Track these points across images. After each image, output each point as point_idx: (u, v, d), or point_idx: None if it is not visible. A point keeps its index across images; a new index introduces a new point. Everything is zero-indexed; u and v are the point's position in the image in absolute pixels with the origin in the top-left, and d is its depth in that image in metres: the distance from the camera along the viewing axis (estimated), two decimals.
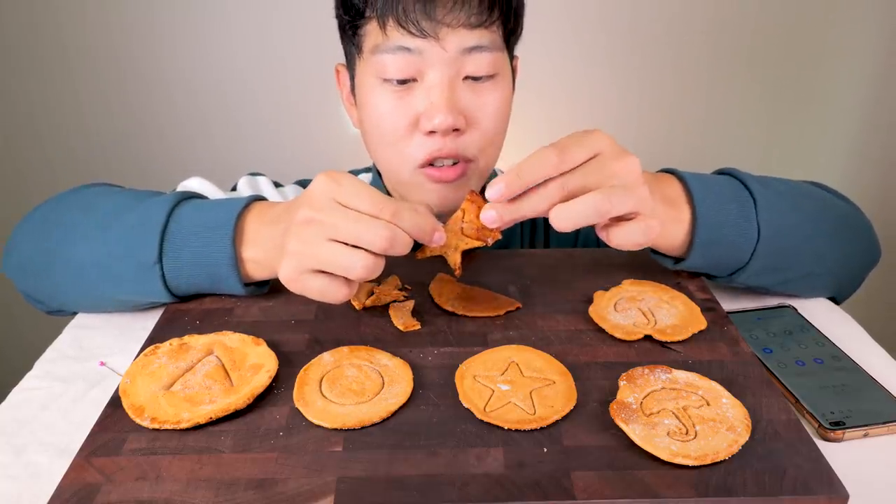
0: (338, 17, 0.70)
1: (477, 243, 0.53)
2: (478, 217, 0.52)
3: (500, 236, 0.53)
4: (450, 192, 0.68)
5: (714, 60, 1.55)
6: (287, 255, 0.51)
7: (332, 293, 0.51)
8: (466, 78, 0.65)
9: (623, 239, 0.52)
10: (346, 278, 0.50)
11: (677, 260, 0.61)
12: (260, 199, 0.60)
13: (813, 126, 1.63)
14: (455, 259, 0.55)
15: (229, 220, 0.56)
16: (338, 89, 0.77)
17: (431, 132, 0.64)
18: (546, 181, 0.49)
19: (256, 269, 0.57)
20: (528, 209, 0.50)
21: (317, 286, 0.51)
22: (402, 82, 0.64)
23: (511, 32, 0.68)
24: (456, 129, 0.64)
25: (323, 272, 0.50)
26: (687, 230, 0.58)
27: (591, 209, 0.49)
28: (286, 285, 0.52)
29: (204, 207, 0.58)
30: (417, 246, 0.53)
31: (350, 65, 0.72)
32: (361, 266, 0.49)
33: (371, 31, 0.65)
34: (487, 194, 0.50)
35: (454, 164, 0.67)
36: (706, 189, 0.59)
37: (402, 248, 0.49)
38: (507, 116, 0.69)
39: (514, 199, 0.50)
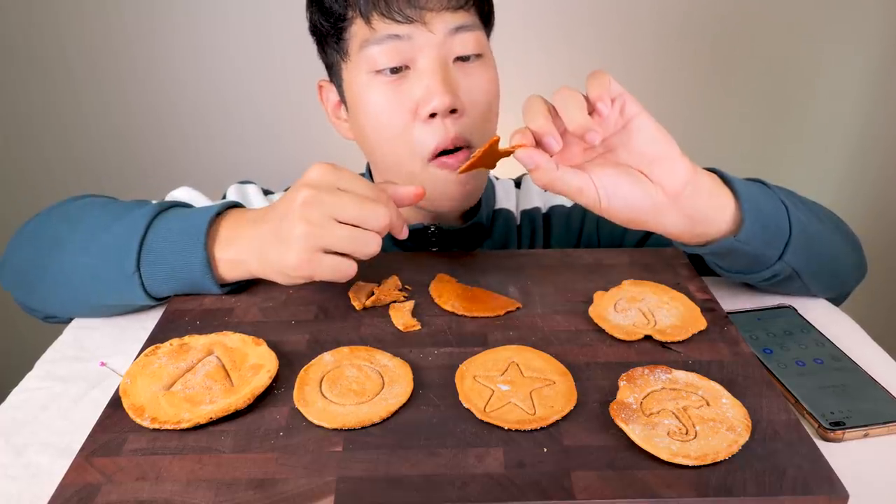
0: (315, 30, 0.70)
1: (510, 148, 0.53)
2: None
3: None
4: (463, 179, 0.68)
5: (709, 60, 1.54)
6: (294, 240, 0.52)
7: (344, 270, 0.54)
8: (456, 61, 0.65)
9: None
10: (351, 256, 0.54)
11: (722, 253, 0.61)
12: (237, 205, 0.61)
13: (810, 125, 1.62)
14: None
15: (202, 225, 0.57)
16: (322, 106, 0.77)
17: (432, 116, 0.64)
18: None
19: (230, 268, 0.58)
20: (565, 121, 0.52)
21: (329, 264, 0.53)
22: (395, 71, 0.65)
23: (486, 20, 0.70)
24: (454, 111, 0.65)
25: (331, 251, 0.53)
26: (733, 210, 0.58)
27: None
28: (293, 271, 0.54)
29: (180, 216, 0.59)
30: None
31: (335, 76, 0.72)
32: (376, 245, 0.53)
33: (357, 32, 0.65)
34: (529, 170, 0.52)
35: (458, 149, 0.67)
36: (747, 186, 0.59)
37: (397, 230, 0.55)
38: (498, 97, 0.70)
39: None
